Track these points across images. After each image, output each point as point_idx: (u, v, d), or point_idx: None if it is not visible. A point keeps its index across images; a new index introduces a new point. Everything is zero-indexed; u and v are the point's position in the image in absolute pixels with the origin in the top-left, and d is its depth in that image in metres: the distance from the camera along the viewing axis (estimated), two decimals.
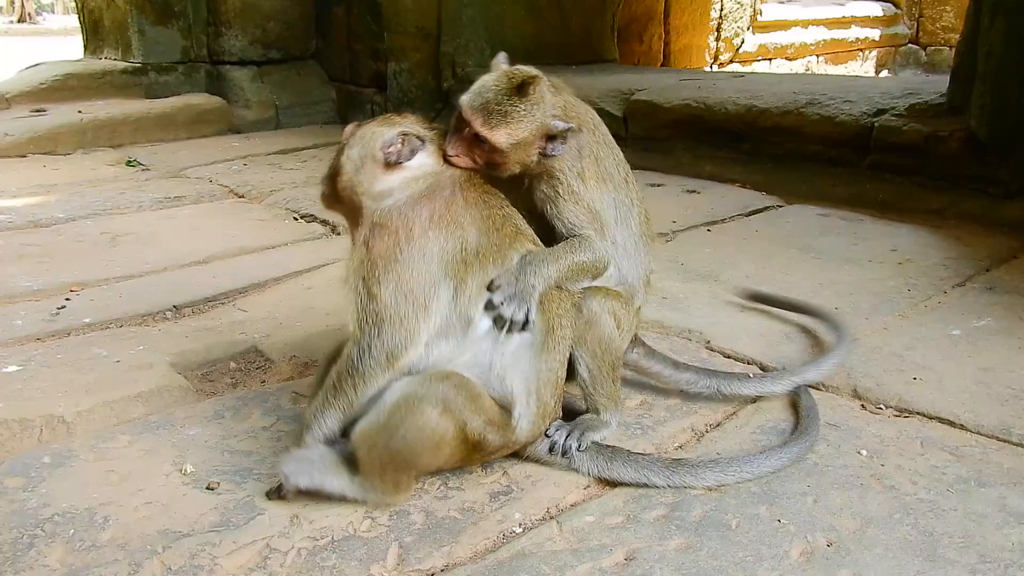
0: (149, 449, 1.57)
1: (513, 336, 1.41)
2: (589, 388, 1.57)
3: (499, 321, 1.40)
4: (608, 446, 1.51)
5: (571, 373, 1.58)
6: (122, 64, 5.31)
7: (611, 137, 1.75)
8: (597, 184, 1.65)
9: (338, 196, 1.52)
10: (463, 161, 1.52)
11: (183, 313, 2.32)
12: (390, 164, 1.46)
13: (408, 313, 1.38)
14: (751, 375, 1.80)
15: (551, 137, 1.55)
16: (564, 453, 1.49)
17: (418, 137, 1.49)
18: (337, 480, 1.36)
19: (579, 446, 1.49)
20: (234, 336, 2.12)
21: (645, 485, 1.44)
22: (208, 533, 1.31)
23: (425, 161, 1.49)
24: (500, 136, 1.51)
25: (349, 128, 1.58)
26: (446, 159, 1.51)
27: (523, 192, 1.61)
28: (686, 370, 1.76)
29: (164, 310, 2.32)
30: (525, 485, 1.45)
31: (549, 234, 1.58)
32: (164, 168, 4.17)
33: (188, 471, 1.48)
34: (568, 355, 1.52)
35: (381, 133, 1.49)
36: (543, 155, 1.57)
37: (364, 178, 1.48)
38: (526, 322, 1.41)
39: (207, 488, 1.43)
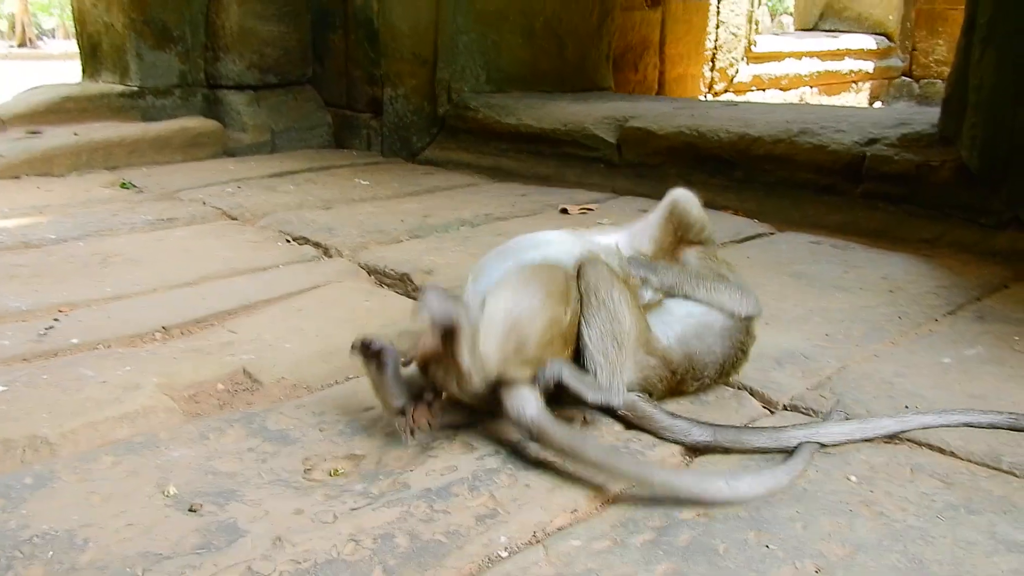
0: (132, 470, 1.55)
1: None
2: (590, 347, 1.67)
3: None
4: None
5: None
6: (119, 87, 5.33)
7: None
8: None
9: None
10: None
11: (172, 334, 2.31)
12: None
13: None
14: (748, 425, 1.75)
15: None
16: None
17: None
18: None
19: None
20: (223, 357, 2.11)
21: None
22: (189, 555, 1.29)
23: None
24: None
25: None
26: None
27: None
28: (681, 420, 1.70)
29: (153, 331, 2.31)
30: (511, 508, 1.43)
31: None
32: (158, 190, 4.17)
33: (171, 493, 1.47)
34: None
35: None
36: None
37: None
38: None
39: (189, 510, 1.41)
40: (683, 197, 2.01)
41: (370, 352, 1.62)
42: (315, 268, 2.91)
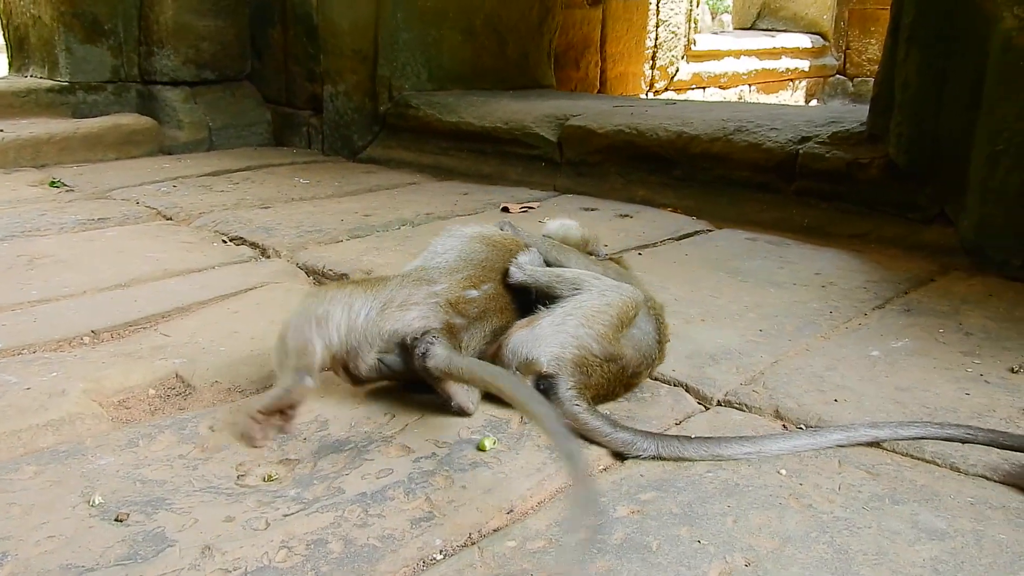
0: (56, 480, 1.51)
1: None
2: None
3: None
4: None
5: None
6: (48, 82, 5.17)
7: None
8: None
9: None
10: None
11: (101, 338, 2.25)
12: None
13: None
14: (692, 436, 1.68)
15: None
16: None
17: None
18: None
19: None
20: (154, 361, 2.06)
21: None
22: (113, 567, 1.25)
23: None
24: None
25: None
26: None
27: None
28: (623, 431, 1.65)
29: (81, 335, 2.24)
30: (447, 511, 1.43)
31: None
32: (89, 189, 4.06)
33: (96, 502, 1.43)
34: None
35: None
36: None
37: None
38: None
39: (116, 520, 1.38)
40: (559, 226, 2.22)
41: None
42: (252, 269, 2.86)
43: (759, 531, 1.38)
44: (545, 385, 1.72)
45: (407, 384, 1.80)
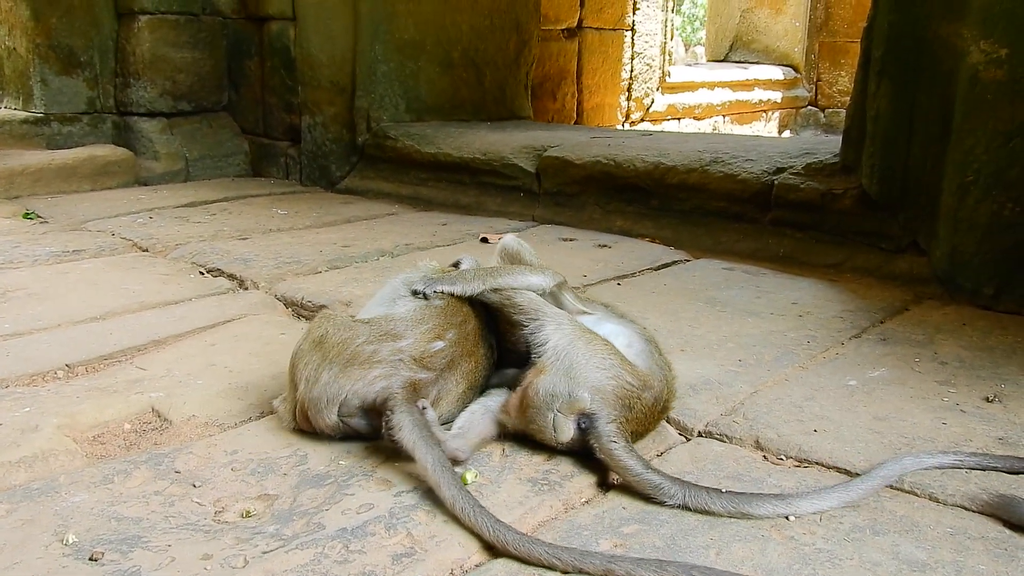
0: (29, 518, 1.48)
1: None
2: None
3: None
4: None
5: None
6: (22, 114, 5.14)
7: None
8: None
9: None
10: None
11: (76, 372, 2.22)
12: None
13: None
14: (723, 490, 1.59)
15: None
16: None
17: None
18: None
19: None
20: (130, 396, 2.04)
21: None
22: None
23: None
24: None
25: None
26: None
27: None
28: (654, 473, 1.59)
29: (55, 369, 2.21)
30: (429, 546, 1.42)
31: None
32: (64, 221, 4.02)
33: (70, 541, 1.40)
34: None
35: None
36: None
37: None
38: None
39: (90, 559, 1.35)
40: (511, 240, 2.14)
41: None
42: (230, 301, 2.84)
43: (742, 564, 1.38)
44: (586, 423, 1.67)
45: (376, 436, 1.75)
